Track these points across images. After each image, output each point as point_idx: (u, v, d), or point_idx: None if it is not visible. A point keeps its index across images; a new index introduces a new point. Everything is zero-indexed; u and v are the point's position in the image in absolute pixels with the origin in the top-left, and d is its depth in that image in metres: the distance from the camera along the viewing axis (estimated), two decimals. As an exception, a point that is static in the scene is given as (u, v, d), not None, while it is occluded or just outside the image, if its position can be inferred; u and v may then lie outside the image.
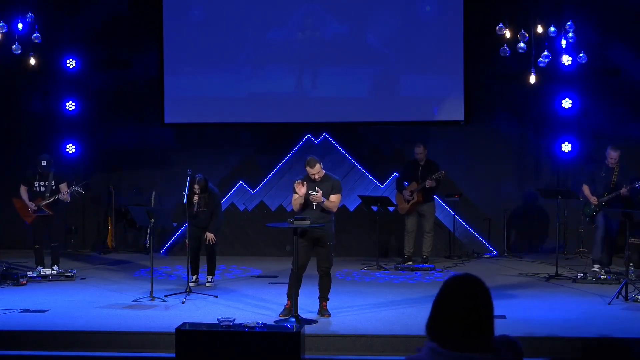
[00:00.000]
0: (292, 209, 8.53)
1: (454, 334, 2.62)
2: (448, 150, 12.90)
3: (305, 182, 8.20)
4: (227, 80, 13.12)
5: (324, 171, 8.34)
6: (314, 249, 8.32)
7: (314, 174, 8.20)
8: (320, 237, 8.22)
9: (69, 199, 10.83)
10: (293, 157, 13.05)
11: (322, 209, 8.23)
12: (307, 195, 8.21)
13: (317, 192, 8.19)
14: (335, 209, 8.38)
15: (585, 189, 10.98)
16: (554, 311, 8.47)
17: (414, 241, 11.87)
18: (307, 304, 8.40)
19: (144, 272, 10.97)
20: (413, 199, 11.66)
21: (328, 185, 8.27)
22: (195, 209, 10.08)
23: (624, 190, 10.56)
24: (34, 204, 10.65)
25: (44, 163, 10.69)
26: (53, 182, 10.74)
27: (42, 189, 10.70)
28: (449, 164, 12.32)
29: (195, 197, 10.06)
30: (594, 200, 10.84)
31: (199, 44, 13.17)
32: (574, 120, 12.65)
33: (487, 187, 13.04)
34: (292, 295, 8.12)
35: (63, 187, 10.76)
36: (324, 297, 8.33)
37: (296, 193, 8.24)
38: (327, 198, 8.24)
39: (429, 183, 11.47)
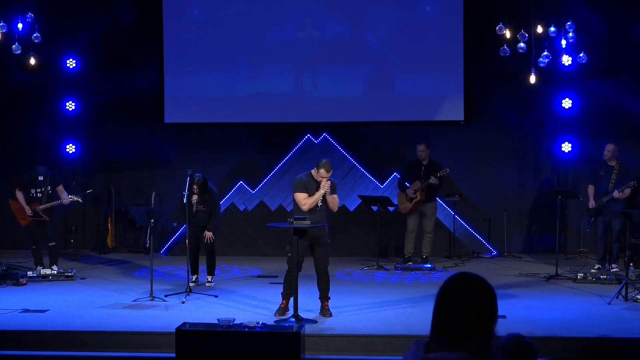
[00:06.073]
0: (294, 209, 8.49)
1: (447, 333, 2.60)
2: (448, 150, 12.90)
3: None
4: (227, 80, 13.12)
5: None
6: (313, 249, 8.32)
7: (325, 178, 8.19)
8: (319, 237, 8.24)
9: (69, 201, 10.81)
10: (293, 157, 13.05)
11: (326, 210, 8.27)
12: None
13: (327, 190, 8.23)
14: (336, 208, 8.45)
15: (590, 190, 11.05)
16: (554, 311, 8.46)
17: (414, 241, 11.87)
18: (307, 303, 8.40)
19: (144, 272, 10.96)
20: (416, 197, 11.65)
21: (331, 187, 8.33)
22: (194, 208, 10.10)
23: (616, 193, 10.60)
24: (30, 209, 10.60)
25: (40, 178, 10.64)
26: (49, 187, 10.71)
27: (39, 194, 10.67)
28: (449, 164, 12.30)
29: (194, 197, 10.07)
30: (591, 203, 10.91)
31: (199, 44, 13.17)
32: (574, 120, 12.65)
33: (487, 187, 13.05)
34: (287, 295, 8.20)
35: (60, 190, 10.73)
36: (324, 297, 8.33)
37: (303, 192, 8.21)
38: None
39: (433, 180, 11.47)
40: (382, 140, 13.30)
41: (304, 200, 8.20)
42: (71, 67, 13.33)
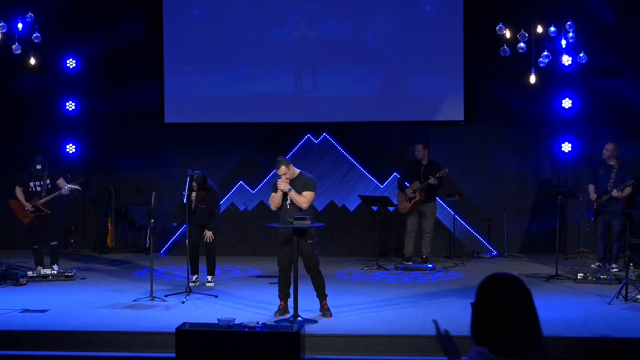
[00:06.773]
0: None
1: (502, 340, 2.50)
2: (448, 150, 12.90)
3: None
4: (227, 80, 13.12)
5: (298, 171, 8.38)
6: (298, 247, 8.26)
7: (280, 175, 8.25)
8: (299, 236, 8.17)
9: (68, 192, 10.82)
10: (293, 157, 12.99)
11: (298, 208, 8.22)
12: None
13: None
14: (305, 205, 8.23)
15: (590, 189, 11.09)
16: (554, 311, 8.44)
17: (414, 241, 11.87)
18: (307, 304, 8.39)
19: (144, 272, 10.97)
20: (416, 197, 11.65)
21: (300, 183, 8.28)
22: (193, 205, 10.09)
23: (615, 193, 10.65)
24: (30, 205, 10.63)
25: (38, 167, 10.68)
26: (48, 181, 10.73)
27: (38, 188, 10.69)
28: (449, 164, 12.32)
29: (194, 194, 10.07)
30: (593, 197, 10.99)
31: (199, 44, 13.17)
32: (574, 120, 12.66)
33: (487, 187, 13.05)
34: (284, 296, 8.27)
35: (61, 182, 10.76)
36: (322, 295, 8.31)
37: (274, 192, 8.30)
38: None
39: (432, 180, 11.48)
40: (382, 140, 13.29)
41: (270, 201, 8.49)
42: (71, 67, 13.33)
